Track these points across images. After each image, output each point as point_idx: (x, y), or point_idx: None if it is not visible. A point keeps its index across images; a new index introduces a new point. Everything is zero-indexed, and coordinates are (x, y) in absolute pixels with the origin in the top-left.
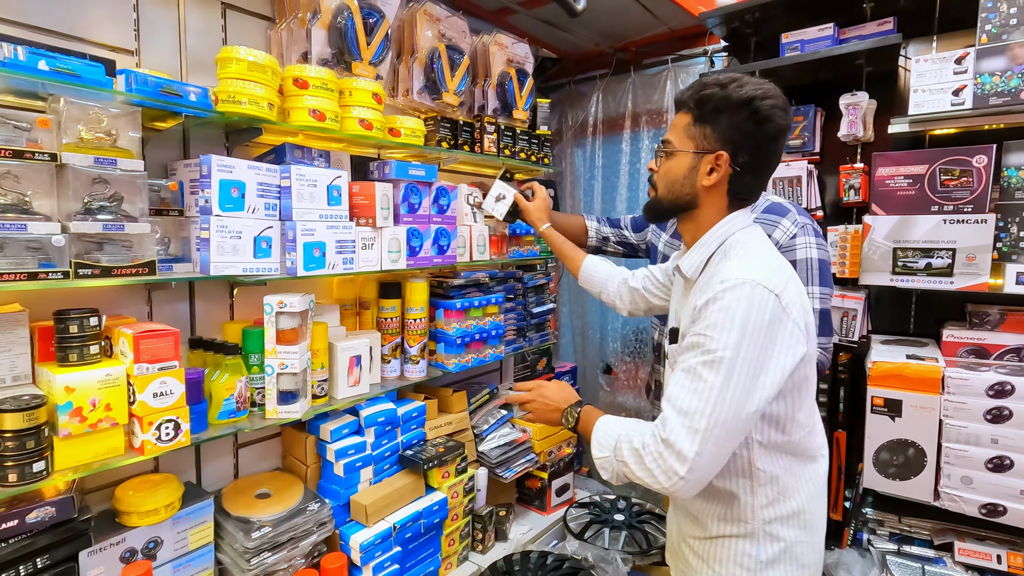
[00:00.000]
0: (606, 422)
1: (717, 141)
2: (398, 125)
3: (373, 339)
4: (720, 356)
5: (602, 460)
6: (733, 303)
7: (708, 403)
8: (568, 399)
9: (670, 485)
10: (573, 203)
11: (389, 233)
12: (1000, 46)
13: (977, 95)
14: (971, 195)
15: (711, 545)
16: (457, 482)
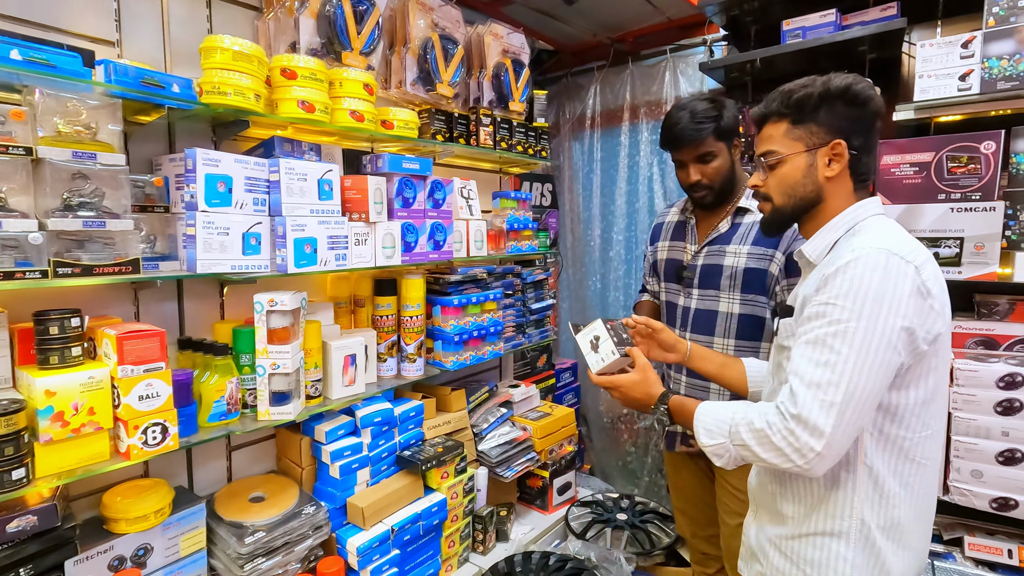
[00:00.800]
0: (710, 408)
1: (827, 133)
2: (391, 117)
3: (368, 337)
4: (852, 326)
5: (715, 447)
6: (867, 271)
7: (842, 375)
8: (650, 392)
9: (804, 463)
10: (572, 197)
11: (383, 228)
12: (1008, 29)
13: (985, 80)
14: (979, 182)
15: (801, 544)
16: (457, 482)
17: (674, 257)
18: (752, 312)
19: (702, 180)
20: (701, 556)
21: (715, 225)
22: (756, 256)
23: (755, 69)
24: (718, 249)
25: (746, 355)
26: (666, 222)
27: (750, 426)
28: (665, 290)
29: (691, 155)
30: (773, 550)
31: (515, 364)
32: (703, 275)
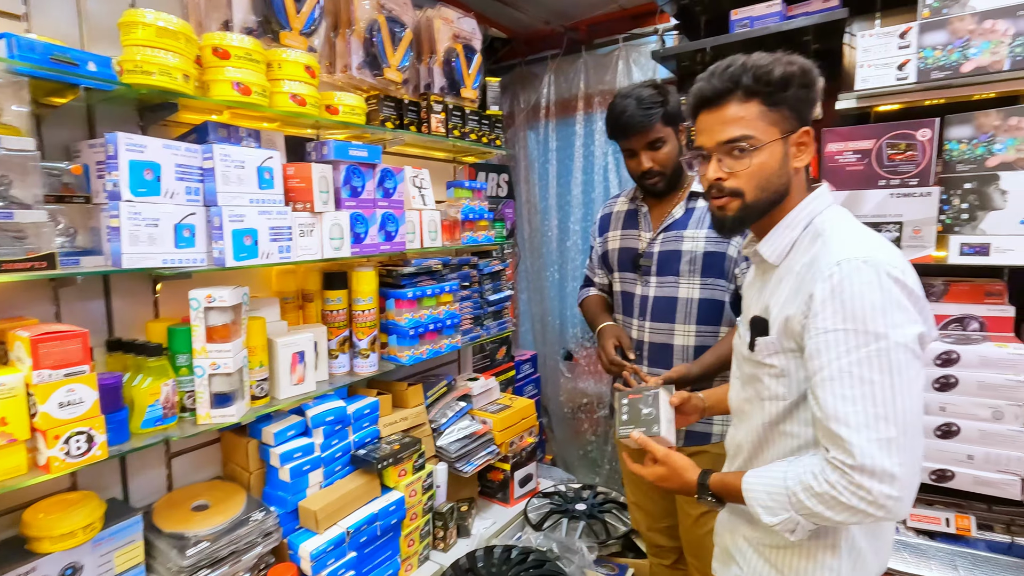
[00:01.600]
0: (757, 482)
1: (795, 119)
2: (336, 102)
3: (318, 333)
4: (878, 348)
5: (781, 523)
6: (862, 288)
7: (886, 404)
8: (686, 480)
9: (884, 513)
10: (528, 187)
11: (330, 218)
12: (941, 20)
13: (920, 69)
14: (916, 169)
15: (789, 555)
16: (415, 480)
17: (628, 246)
18: (712, 296)
19: (654, 167)
20: (657, 549)
21: (669, 211)
22: (714, 239)
23: (706, 59)
24: (675, 235)
25: (706, 340)
26: (614, 212)
27: (810, 492)
28: (620, 280)
29: (641, 142)
30: (752, 552)
31: (474, 357)
32: (661, 262)
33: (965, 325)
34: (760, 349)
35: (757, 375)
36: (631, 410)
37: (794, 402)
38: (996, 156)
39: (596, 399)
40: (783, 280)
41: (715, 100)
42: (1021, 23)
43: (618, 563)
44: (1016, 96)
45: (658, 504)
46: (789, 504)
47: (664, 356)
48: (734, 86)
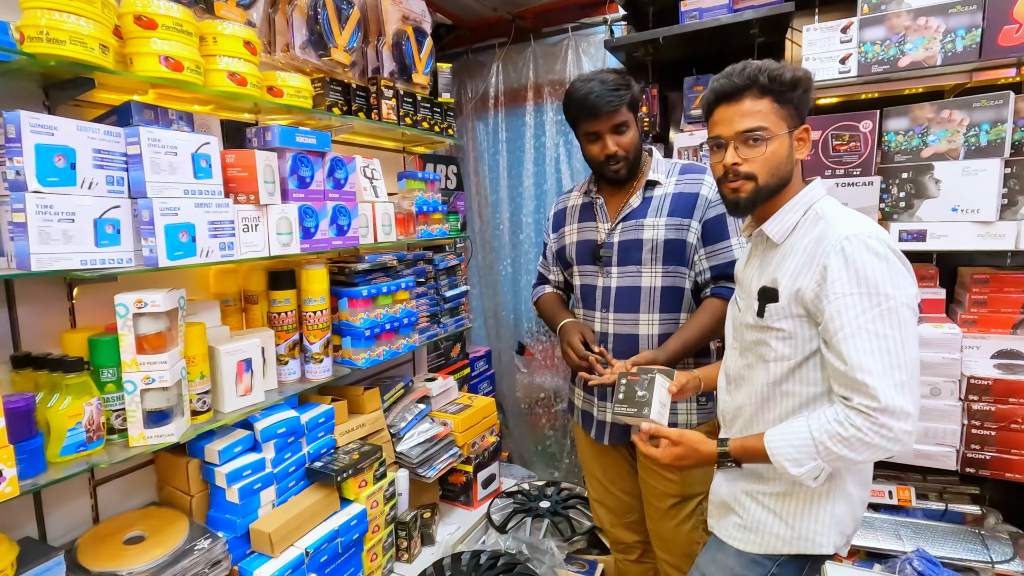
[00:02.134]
0: (779, 439)
1: (796, 117)
2: (279, 83)
3: (265, 338)
4: (889, 307)
5: (807, 472)
6: (870, 258)
7: (898, 354)
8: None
9: (900, 447)
10: (478, 180)
11: (277, 212)
12: (880, 16)
13: (861, 63)
14: (859, 159)
15: (786, 502)
16: (376, 490)
17: (586, 238)
18: (674, 284)
19: (619, 152)
20: (621, 545)
21: (625, 201)
22: (674, 227)
23: (656, 50)
24: (634, 224)
25: (669, 327)
26: (568, 207)
27: (837, 437)
28: (580, 273)
29: (607, 125)
30: (751, 501)
31: (428, 356)
32: (622, 251)
33: None
34: (770, 314)
35: (764, 339)
36: (627, 391)
37: (797, 362)
38: (930, 147)
39: (553, 393)
40: (788, 256)
41: (734, 95)
42: (952, 20)
43: (587, 559)
44: (941, 90)
45: (620, 500)
46: (816, 453)
47: (629, 346)
48: (752, 83)
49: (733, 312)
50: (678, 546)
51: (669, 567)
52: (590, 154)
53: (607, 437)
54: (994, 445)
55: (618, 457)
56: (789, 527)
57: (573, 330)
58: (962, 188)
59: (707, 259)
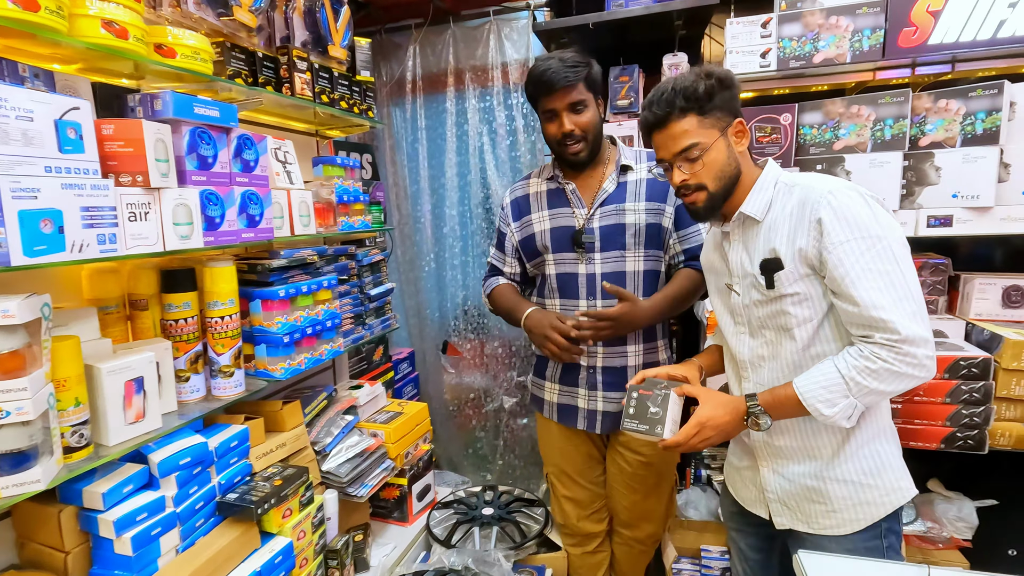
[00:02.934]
0: (809, 383)
1: (726, 114)
2: (171, 41)
3: (160, 351)
4: (884, 246)
5: (840, 411)
6: (852, 204)
7: (904, 286)
8: (734, 408)
9: (925, 372)
10: (395, 169)
11: (173, 197)
12: (796, 13)
13: (780, 58)
14: (780, 151)
15: (855, 462)
16: (304, 517)
17: (562, 224)
18: (653, 267)
19: (575, 131)
20: (583, 537)
21: (599, 186)
22: (652, 211)
23: (583, 37)
24: (614, 208)
25: None
26: (531, 193)
27: (866, 371)
28: (556, 262)
29: (564, 102)
30: (825, 484)
31: (350, 361)
32: (604, 236)
33: None
34: (781, 282)
35: (781, 309)
36: (638, 405)
37: (819, 321)
38: (841, 140)
39: (483, 392)
40: (777, 226)
41: (660, 123)
42: (859, 20)
43: (535, 565)
44: (843, 88)
45: (589, 491)
46: (848, 391)
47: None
48: (671, 108)
49: (727, 300)
50: (661, 512)
51: (647, 536)
52: (548, 133)
53: (599, 426)
54: (899, 417)
55: (591, 447)
56: (874, 488)
57: (546, 318)
58: (870, 179)
59: (680, 243)
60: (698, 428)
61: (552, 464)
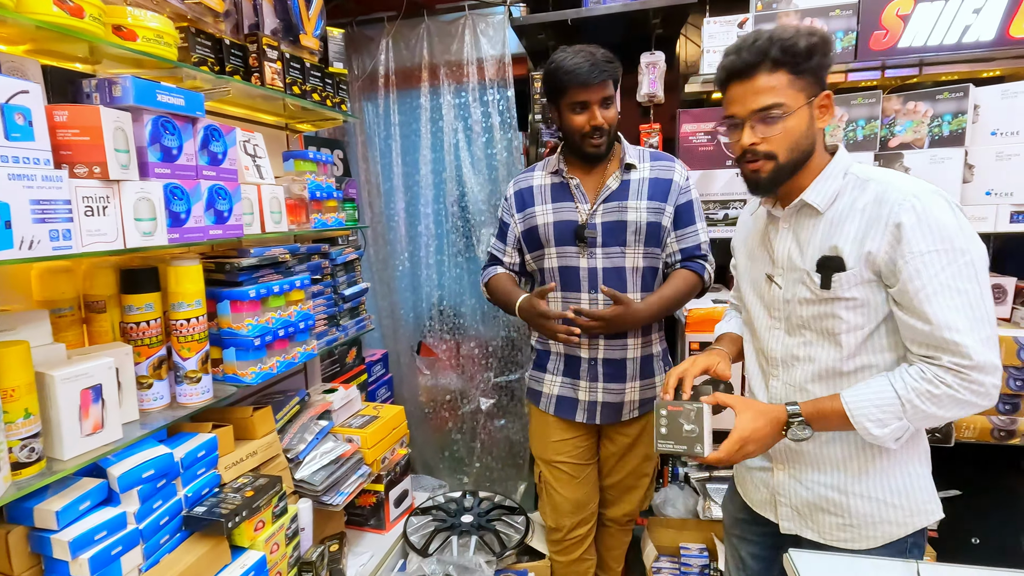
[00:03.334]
0: (860, 399)
1: (815, 84)
2: (131, 23)
3: (120, 356)
4: (965, 262)
5: (890, 432)
6: (940, 213)
7: (980, 309)
8: (775, 418)
9: (989, 401)
10: (368, 166)
11: (134, 190)
12: (771, 14)
13: None
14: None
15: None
16: (277, 529)
17: (565, 218)
18: (651, 264)
19: (603, 125)
20: (572, 543)
21: (603, 183)
22: (653, 210)
23: (561, 33)
24: (616, 206)
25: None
26: (535, 186)
27: (927, 395)
28: (559, 255)
29: (598, 95)
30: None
31: (322, 363)
32: (606, 232)
33: None
34: (840, 284)
35: (832, 312)
36: (670, 423)
37: (871, 330)
38: None
39: (459, 394)
40: (842, 222)
41: (745, 72)
42: (832, 23)
43: (516, 569)
44: None
45: (585, 488)
46: (902, 413)
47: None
48: (763, 58)
49: (763, 291)
50: (641, 494)
51: (623, 515)
52: (574, 125)
53: (599, 416)
54: None
55: (586, 440)
56: (900, 508)
57: (533, 308)
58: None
59: (678, 241)
60: (740, 444)
61: (545, 459)
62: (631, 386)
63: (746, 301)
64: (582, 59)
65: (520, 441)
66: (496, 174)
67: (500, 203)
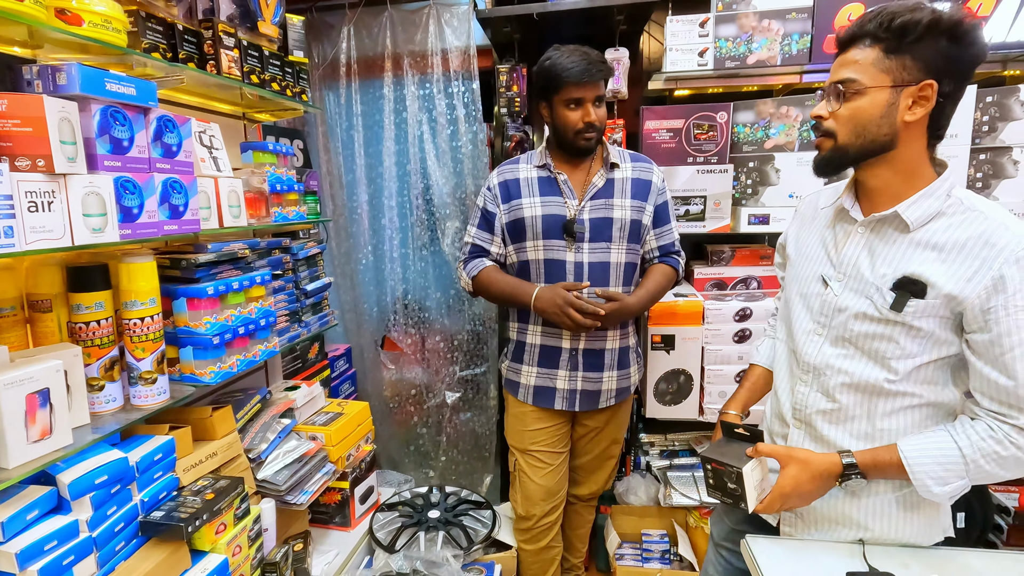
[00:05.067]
0: (921, 453)
1: (921, 71)
2: (76, 6)
3: (69, 358)
4: None
5: (950, 490)
6: None
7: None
8: (825, 472)
9: None
10: (329, 157)
11: (82, 184)
12: (731, 14)
13: (717, 57)
14: (716, 148)
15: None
16: (239, 531)
17: (553, 212)
18: (631, 260)
19: (596, 122)
20: (539, 531)
21: (589, 180)
22: (636, 208)
23: (526, 26)
24: (603, 203)
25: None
26: (521, 178)
27: (994, 456)
28: (545, 248)
29: (592, 94)
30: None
31: (284, 359)
32: (593, 228)
33: (748, 284)
34: (914, 311)
35: (890, 334)
36: (715, 479)
37: (923, 362)
38: (772, 139)
39: (424, 388)
40: (934, 247)
41: (846, 44)
42: (788, 25)
43: (483, 562)
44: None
45: (557, 473)
46: (965, 472)
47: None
48: (861, 31)
49: (811, 290)
50: (606, 475)
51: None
52: (567, 121)
53: (578, 404)
54: None
55: (562, 427)
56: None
57: (558, 295)
58: (798, 177)
59: (656, 239)
60: (782, 500)
61: (522, 448)
62: (609, 375)
63: (788, 297)
64: (579, 58)
65: (486, 434)
66: (461, 167)
67: (482, 192)
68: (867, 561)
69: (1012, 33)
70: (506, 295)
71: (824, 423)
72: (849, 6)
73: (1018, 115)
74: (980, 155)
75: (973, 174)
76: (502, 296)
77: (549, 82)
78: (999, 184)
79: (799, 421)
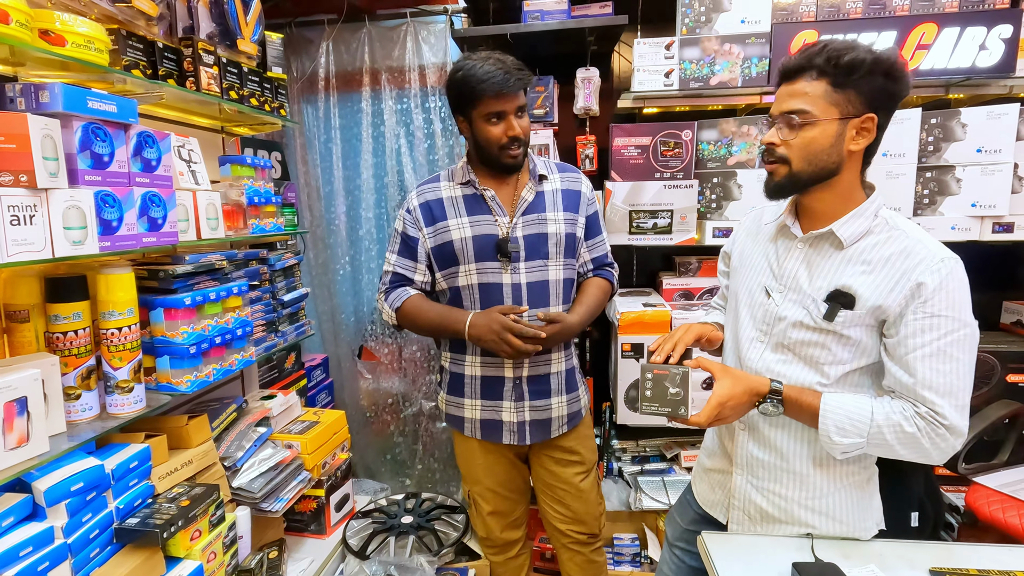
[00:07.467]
0: (838, 405)
1: (863, 105)
2: (59, 27)
3: (46, 367)
4: (963, 333)
5: (847, 444)
6: (959, 285)
7: (964, 379)
8: (752, 388)
9: (940, 458)
10: (307, 169)
11: (63, 199)
12: (695, 38)
13: (682, 78)
14: (682, 164)
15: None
16: (215, 538)
17: (484, 232)
18: (568, 276)
19: (521, 135)
20: (506, 545)
21: (518, 194)
22: (569, 222)
23: (500, 46)
24: (535, 218)
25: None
26: (444, 198)
27: (897, 429)
28: (479, 271)
29: (514, 105)
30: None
31: (260, 369)
32: (528, 246)
33: (714, 294)
34: (843, 321)
35: (823, 342)
36: (655, 387)
37: (853, 368)
38: (734, 156)
39: (401, 397)
40: (859, 262)
41: (792, 74)
42: (748, 49)
43: (457, 567)
44: (735, 108)
45: (511, 501)
46: (867, 432)
47: (542, 340)
48: (808, 64)
49: (754, 301)
50: (592, 509)
51: (579, 535)
52: (491, 136)
53: (528, 437)
54: None
55: (514, 458)
56: (847, 524)
57: (495, 320)
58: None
59: (589, 251)
60: (719, 408)
61: (475, 482)
62: (558, 400)
63: (732, 307)
64: (493, 66)
65: None
66: None
67: (400, 215)
68: (814, 553)
69: (952, 60)
70: (436, 325)
71: (767, 426)
72: (803, 32)
73: (960, 136)
74: (926, 173)
75: (920, 191)
76: (431, 327)
77: (464, 95)
78: (944, 200)
79: (743, 424)
